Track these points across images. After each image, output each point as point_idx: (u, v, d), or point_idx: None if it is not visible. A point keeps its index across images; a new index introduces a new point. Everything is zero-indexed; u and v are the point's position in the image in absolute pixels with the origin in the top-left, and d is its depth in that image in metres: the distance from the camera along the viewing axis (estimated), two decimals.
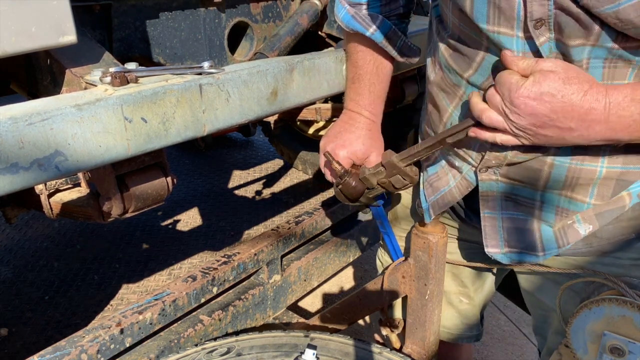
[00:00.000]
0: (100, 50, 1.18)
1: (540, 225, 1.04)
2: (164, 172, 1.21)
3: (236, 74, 1.14)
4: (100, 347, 1.15)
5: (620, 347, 0.91)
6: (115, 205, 1.16)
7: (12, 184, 0.83)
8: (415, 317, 1.31)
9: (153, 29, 1.41)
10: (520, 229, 1.06)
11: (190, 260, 2.23)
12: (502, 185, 1.04)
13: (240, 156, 3.55)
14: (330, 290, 2.74)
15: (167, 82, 1.03)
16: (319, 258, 1.74)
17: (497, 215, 1.08)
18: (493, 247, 1.10)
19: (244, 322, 1.48)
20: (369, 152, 1.20)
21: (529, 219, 1.05)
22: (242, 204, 2.80)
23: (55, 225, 2.58)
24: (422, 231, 1.23)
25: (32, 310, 1.95)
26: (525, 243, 1.06)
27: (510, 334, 2.62)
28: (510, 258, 1.09)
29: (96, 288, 2.06)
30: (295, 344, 1.17)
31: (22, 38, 0.92)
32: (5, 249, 2.37)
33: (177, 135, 1.04)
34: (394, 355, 1.18)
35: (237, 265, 1.45)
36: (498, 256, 1.10)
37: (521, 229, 1.06)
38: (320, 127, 2.90)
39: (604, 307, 0.92)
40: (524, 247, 1.06)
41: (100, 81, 1.03)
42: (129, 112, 0.95)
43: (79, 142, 0.89)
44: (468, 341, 1.48)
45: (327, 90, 1.40)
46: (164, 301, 1.28)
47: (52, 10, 0.94)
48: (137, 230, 2.51)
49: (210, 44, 1.55)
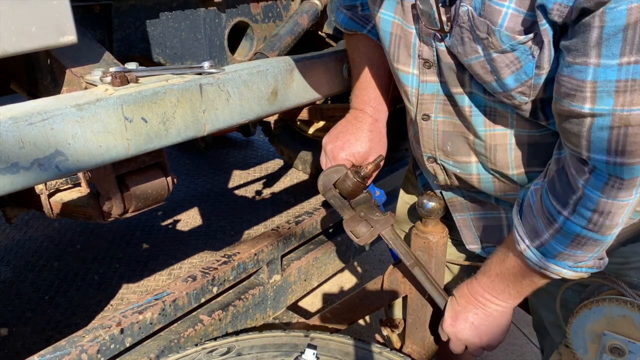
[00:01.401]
0: (100, 50, 1.18)
1: (508, 219, 1.12)
2: (164, 172, 1.21)
3: (236, 74, 1.14)
4: (101, 347, 1.15)
5: (620, 347, 0.90)
6: (115, 205, 1.16)
7: (13, 183, 0.83)
8: (415, 317, 1.31)
9: (153, 28, 1.41)
10: (490, 225, 1.17)
11: (190, 260, 2.23)
12: (462, 192, 1.18)
13: (240, 156, 3.55)
14: (330, 290, 2.74)
15: (168, 82, 1.03)
16: (319, 258, 1.74)
17: (466, 217, 1.21)
18: (472, 244, 1.22)
19: (244, 322, 1.48)
20: (368, 154, 1.21)
21: (495, 215, 1.15)
22: (242, 204, 2.80)
23: (55, 225, 2.58)
24: (422, 231, 1.23)
25: (32, 310, 1.95)
26: (496, 237, 1.16)
27: (510, 334, 2.61)
28: (488, 252, 1.15)
29: (96, 288, 2.06)
30: (295, 344, 1.17)
31: (22, 38, 0.92)
32: (5, 249, 2.37)
33: (177, 135, 1.04)
34: (394, 355, 1.18)
35: (237, 265, 1.44)
36: (478, 251, 1.21)
37: (491, 225, 1.17)
38: (320, 127, 2.90)
39: (604, 307, 0.91)
40: (497, 242, 1.12)
41: (100, 81, 1.03)
42: (129, 112, 0.95)
43: (79, 142, 0.89)
44: None
45: (327, 90, 1.40)
46: (164, 301, 1.28)
47: (52, 10, 0.94)
48: (137, 230, 2.51)
49: (210, 44, 1.54)
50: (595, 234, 0.84)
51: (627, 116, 0.69)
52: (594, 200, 0.81)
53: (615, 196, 0.79)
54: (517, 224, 0.96)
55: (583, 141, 0.77)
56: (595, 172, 0.79)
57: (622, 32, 0.63)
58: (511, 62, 0.82)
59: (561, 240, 0.88)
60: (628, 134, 0.71)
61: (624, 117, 0.69)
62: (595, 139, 0.75)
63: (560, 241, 0.88)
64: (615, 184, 0.78)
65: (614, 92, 0.68)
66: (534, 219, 0.92)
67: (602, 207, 0.81)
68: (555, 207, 0.87)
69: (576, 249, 0.88)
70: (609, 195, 0.79)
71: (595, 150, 0.76)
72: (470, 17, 0.83)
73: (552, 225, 0.88)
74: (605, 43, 0.65)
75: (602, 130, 0.73)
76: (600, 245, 0.87)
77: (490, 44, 0.82)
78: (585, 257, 0.90)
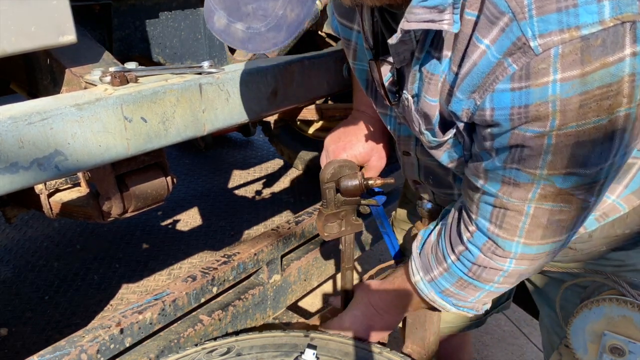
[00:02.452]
0: (100, 50, 1.18)
1: None
2: (163, 171, 1.21)
3: (236, 74, 1.14)
4: (100, 347, 1.15)
5: (620, 347, 0.90)
6: (115, 205, 1.16)
7: (12, 183, 0.83)
8: (415, 317, 1.31)
9: (153, 28, 1.41)
10: None
11: (190, 260, 2.23)
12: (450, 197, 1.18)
13: (240, 156, 3.55)
14: (330, 290, 2.74)
15: (167, 81, 1.03)
16: (319, 258, 1.74)
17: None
18: None
19: (244, 322, 1.48)
20: (370, 155, 1.21)
21: None
22: (242, 204, 2.80)
23: (55, 225, 2.57)
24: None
25: (32, 310, 1.95)
26: None
27: (510, 334, 2.62)
28: None
29: (96, 288, 2.06)
30: (295, 344, 1.17)
31: (22, 38, 0.92)
32: (5, 249, 2.37)
33: (177, 135, 1.04)
34: (394, 355, 1.18)
35: (237, 265, 1.44)
36: None
37: None
38: (320, 127, 2.90)
39: (604, 307, 0.91)
40: None
41: (100, 81, 1.03)
42: (128, 112, 0.95)
43: (78, 141, 0.89)
44: (469, 329, 1.49)
45: (327, 90, 1.40)
46: (164, 301, 1.28)
47: (52, 10, 0.94)
48: (137, 230, 2.51)
49: (210, 43, 1.54)
50: (476, 281, 0.94)
51: (505, 203, 0.82)
52: (474, 254, 0.91)
53: (492, 257, 0.89)
54: (414, 256, 1.05)
55: (474, 206, 0.88)
56: (477, 232, 0.89)
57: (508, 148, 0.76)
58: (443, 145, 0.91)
59: (448, 278, 0.98)
60: (506, 215, 0.83)
61: (504, 203, 0.82)
62: (482, 209, 0.87)
63: (447, 279, 0.98)
64: (491, 247, 0.88)
65: (500, 182, 0.80)
66: (431, 255, 1.01)
67: (481, 262, 0.91)
68: (447, 249, 0.97)
69: (460, 290, 0.98)
70: (486, 254, 0.89)
71: (481, 216, 0.87)
72: (408, 106, 0.89)
73: (442, 264, 0.98)
74: (497, 150, 0.78)
75: (487, 204, 0.85)
76: (480, 291, 0.96)
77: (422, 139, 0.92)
78: (467, 299, 0.99)
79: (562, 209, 0.78)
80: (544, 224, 0.81)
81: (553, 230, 0.82)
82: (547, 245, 0.85)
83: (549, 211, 0.79)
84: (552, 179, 0.74)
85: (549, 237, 0.83)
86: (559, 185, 0.75)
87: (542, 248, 0.85)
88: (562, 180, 0.74)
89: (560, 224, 0.81)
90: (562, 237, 0.84)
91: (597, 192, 0.77)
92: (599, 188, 0.77)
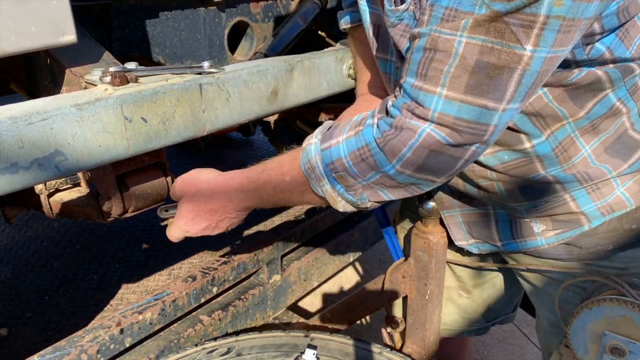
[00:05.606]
0: (100, 50, 1.18)
1: (497, 215, 1.12)
2: (163, 171, 1.21)
3: (236, 74, 1.14)
4: (100, 347, 1.15)
5: (620, 347, 0.90)
6: (115, 205, 1.16)
7: (12, 183, 0.83)
8: (415, 317, 1.31)
9: (153, 28, 1.41)
10: (479, 220, 1.16)
11: (190, 260, 2.22)
12: (450, 189, 1.16)
13: (240, 156, 3.55)
14: (330, 290, 2.74)
15: (167, 81, 1.03)
16: (319, 258, 1.74)
17: (454, 213, 1.19)
18: (460, 240, 1.21)
19: (244, 322, 1.48)
20: None
21: (483, 210, 1.14)
22: None
23: (55, 225, 2.57)
24: (422, 231, 1.23)
25: (32, 310, 1.94)
26: (484, 233, 1.16)
27: (510, 334, 2.62)
28: (478, 248, 1.18)
29: (96, 288, 2.06)
30: (295, 344, 1.17)
31: (22, 38, 0.91)
32: (5, 249, 2.37)
33: (177, 135, 1.04)
34: (394, 355, 1.18)
35: (237, 265, 1.44)
36: (467, 247, 1.20)
37: (479, 220, 1.16)
38: None
39: (605, 307, 0.91)
40: (485, 237, 1.15)
41: (100, 81, 1.03)
42: (128, 112, 0.95)
43: (78, 141, 0.89)
44: (468, 335, 1.48)
45: (327, 90, 1.40)
46: (164, 301, 1.28)
47: (52, 9, 0.94)
48: (137, 230, 2.50)
49: (210, 43, 1.54)
50: (379, 153, 0.86)
51: (437, 38, 0.76)
52: (393, 115, 0.84)
53: (410, 118, 0.82)
54: (322, 126, 1.00)
55: (406, 65, 0.83)
56: (401, 96, 0.84)
57: None
58: (404, 32, 0.88)
59: (349, 145, 0.89)
60: (434, 59, 0.78)
61: (435, 39, 0.77)
62: (412, 62, 0.81)
63: (347, 146, 0.90)
64: (411, 106, 0.82)
65: (439, 19, 0.76)
66: (345, 125, 0.93)
67: (397, 122, 0.83)
68: (369, 118, 0.90)
69: (352, 163, 0.89)
70: (405, 115, 0.83)
71: (410, 73, 0.82)
72: None
73: (353, 129, 0.90)
74: None
75: (418, 52, 0.80)
76: (374, 172, 0.88)
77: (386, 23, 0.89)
78: (356, 181, 0.90)
79: (494, 45, 0.73)
80: (470, 67, 0.75)
81: (478, 83, 0.76)
82: (470, 108, 0.78)
83: (479, 47, 0.74)
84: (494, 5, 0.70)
85: (473, 93, 0.76)
86: (498, 8, 0.70)
87: (463, 110, 0.78)
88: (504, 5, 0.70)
89: (488, 76, 0.75)
90: (487, 102, 0.77)
91: (533, 39, 0.72)
92: (538, 33, 0.71)
